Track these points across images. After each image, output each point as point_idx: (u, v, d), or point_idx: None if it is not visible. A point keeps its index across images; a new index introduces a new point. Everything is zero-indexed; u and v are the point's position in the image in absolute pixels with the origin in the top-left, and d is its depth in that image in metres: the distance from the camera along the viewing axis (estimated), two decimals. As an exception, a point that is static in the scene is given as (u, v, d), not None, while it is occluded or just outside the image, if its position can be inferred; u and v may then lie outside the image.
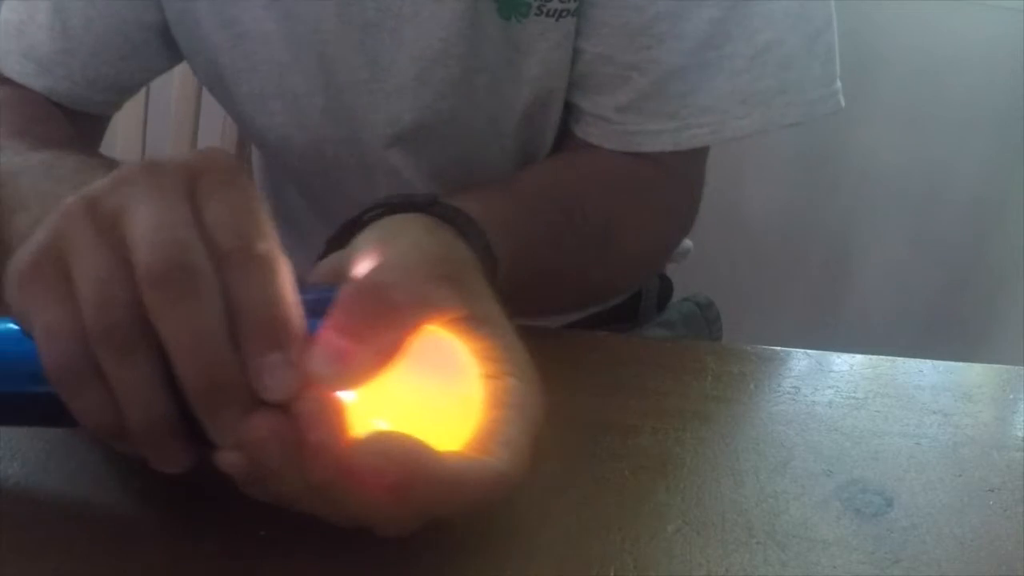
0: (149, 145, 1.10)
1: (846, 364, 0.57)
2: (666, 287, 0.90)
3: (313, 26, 0.66)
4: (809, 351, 0.58)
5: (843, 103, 0.68)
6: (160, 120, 1.11)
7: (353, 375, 0.35)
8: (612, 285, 0.73)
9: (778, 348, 0.58)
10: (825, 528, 0.43)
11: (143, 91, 1.08)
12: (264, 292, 0.34)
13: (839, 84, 0.67)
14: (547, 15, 0.64)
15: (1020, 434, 0.52)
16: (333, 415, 0.34)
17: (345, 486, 0.34)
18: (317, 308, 0.36)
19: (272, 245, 0.35)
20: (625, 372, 0.54)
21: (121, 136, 1.09)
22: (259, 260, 0.35)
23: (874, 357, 0.59)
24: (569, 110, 0.71)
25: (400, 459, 0.34)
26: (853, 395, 0.54)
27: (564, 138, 0.72)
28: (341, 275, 0.41)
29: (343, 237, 0.46)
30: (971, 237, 1.70)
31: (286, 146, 0.72)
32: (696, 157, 0.70)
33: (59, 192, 0.44)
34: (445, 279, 0.39)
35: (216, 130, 1.11)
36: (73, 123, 0.68)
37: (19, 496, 0.40)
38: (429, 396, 0.36)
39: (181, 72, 1.06)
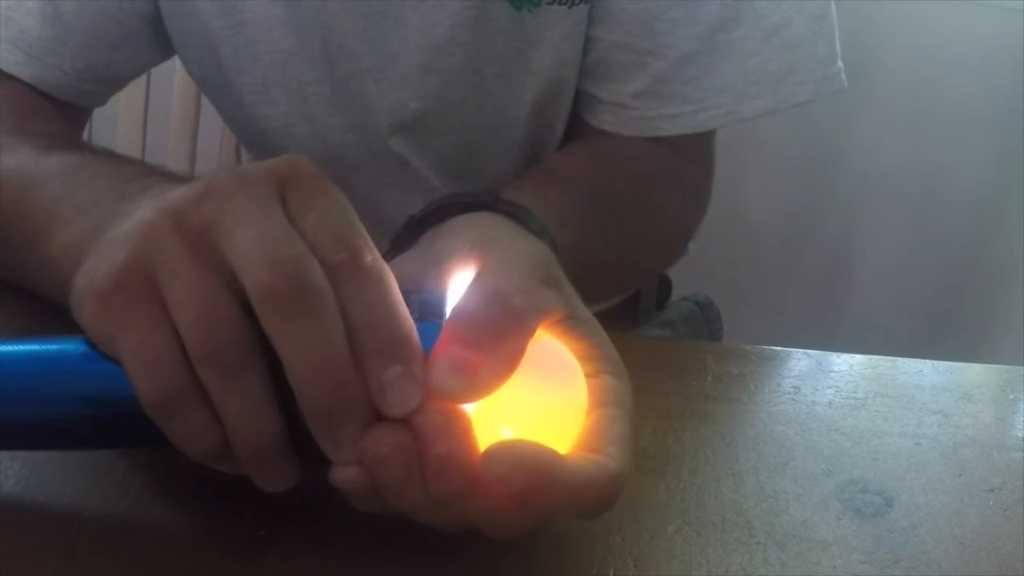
0: (149, 145, 1.10)
1: (846, 364, 0.57)
2: (665, 286, 0.90)
3: (317, 12, 0.66)
4: (809, 351, 0.58)
5: (846, 83, 0.69)
6: (160, 120, 1.11)
7: (480, 386, 0.34)
8: (646, 271, 0.74)
9: (778, 348, 0.58)
10: (825, 528, 0.43)
11: (143, 91, 1.08)
12: (380, 305, 0.34)
13: (841, 64, 0.69)
14: (560, 3, 0.65)
15: (1020, 434, 0.52)
16: (459, 427, 0.34)
17: (469, 496, 0.34)
18: (420, 313, 0.36)
19: (377, 254, 0.35)
20: (625, 372, 0.54)
21: (121, 136, 1.09)
22: (369, 271, 0.34)
23: (874, 357, 0.59)
24: (581, 100, 0.71)
25: (529, 467, 0.33)
26: (853, 395, 0.54)
27: (574, 128, 0.72)
28: (422, 278, 0.40)
29: (407, 237, 0.46)
30: (971, 237, 1.70)
31: (288, 137, 0.72)
32: (707, 140, 0.72)
33: (104, 201, 0.42)
34: (549, 281, 0.39)
35: (216, 130, 1.12)
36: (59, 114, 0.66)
37: (19, 496, 0.40)
38: (542, 399, 0.36)
39: (181, 72, 1.06)
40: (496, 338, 0.35)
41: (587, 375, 0.38)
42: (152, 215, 0.34)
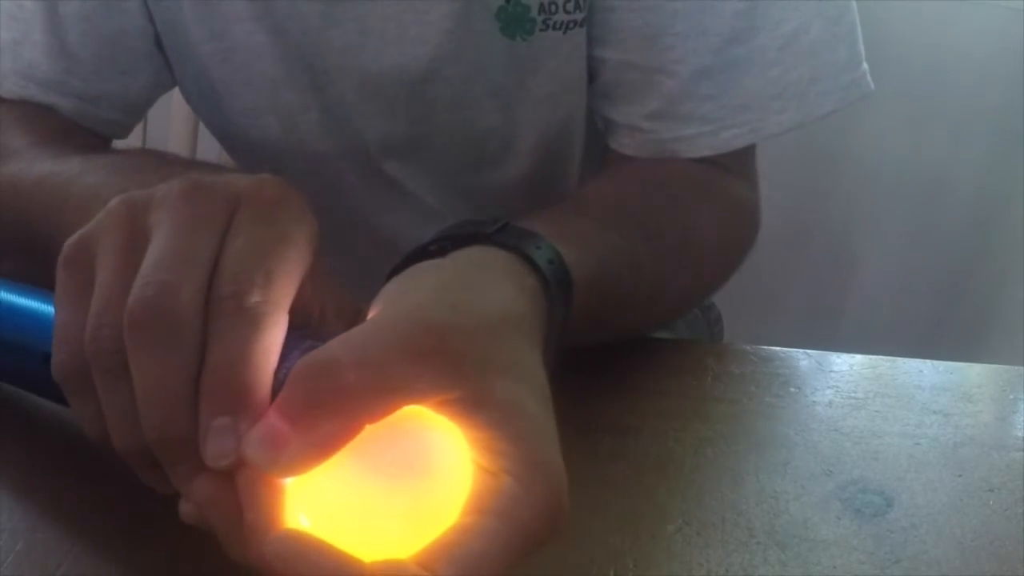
0: (149, 146, 1.10)
1: (846, 364, 0.57)
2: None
3: (301, 40, 0.64)
4: (809, 351, 0.58)
5: (872, 85, 0.65)
6: (160, 120, 1.11)
7: (284, 464, 0.31)
8: (690, 298, 0.68)
9: (778, 348, 0.58)
10: (825, 528, 0.43)
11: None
12: (236, 350, 0.32)
13: (866, 66, 0.65)
14: (554, 28, 0.62)
15: (1020, 434, 0.52)
16: (265, 499, 0.31)
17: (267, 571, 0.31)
18: None
19: (272, 298, 0.33)
20: (625, 372, 0.54)
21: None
22: (244, 313, 0.33)
23: (874, 357, 0.59)
24: (604, 125, 0.68)
25: (302, 566, 0.30)
26: (853, 395, 0.54)
27: (606, 156, 0.69)
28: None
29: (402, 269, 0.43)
30: (971, 237, 1.70)
31: (280, 162, 0.71)
32: (747, 152, 0.67)
33: (147, 182, 0.42)
34: (433, 354, 0.32)
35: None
36: None
37: (19, 496, 0.40)
38: (392, 489, 0.31)
39: (181, 72, 1.06)
40: (311, 415, 0.31)
41: (486, 472, 0.32)
42: (116, 202, 0.36)
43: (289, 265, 0.35)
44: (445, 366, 0.32)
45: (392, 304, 0.36)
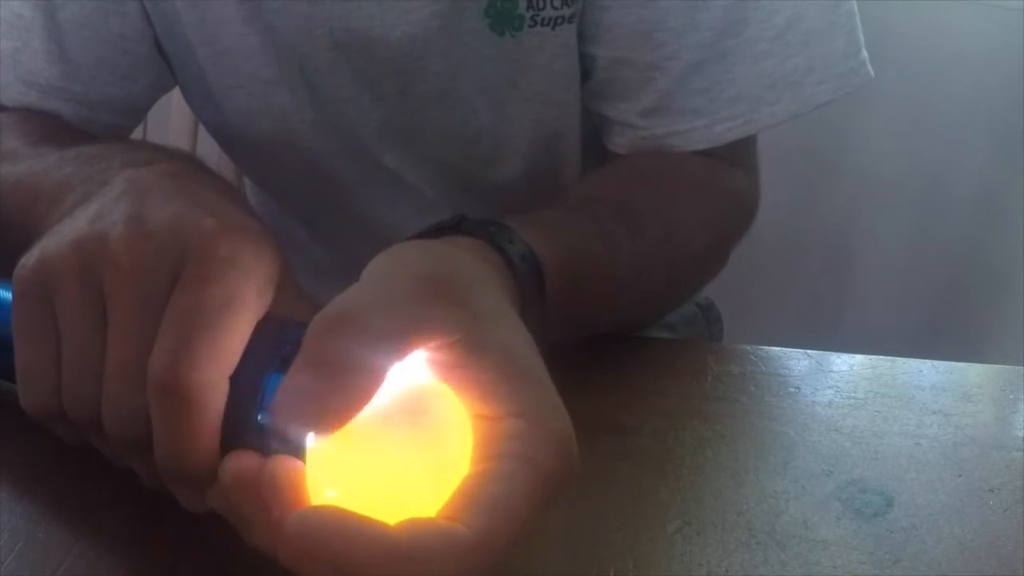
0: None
1: (846, 364, 0.57)
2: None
3: (292, 40, 0.64)
4: (809, 351, 0.58)
5: (872, 73, 0.65)
6: (160, 120, 1.11)
7: (320, 420, 0.31)
8: (679, 285, 0.67)
9: (778, 348, 0.58)
10: (825, 528, 0.43)
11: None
12: (173, 440, 0.34)
13: (865, 53, 0.64)
14: (542, 24, 0.62)
15: (1020, 434, 0.52)
16: (288, 482, 0.31)
17: (289, 561, 0.31)
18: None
19: (210, 374, 0.33)
20: (625, 372, 0.54)
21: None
22: (173, 394, 0.33)
23: (874, 357, 0.59)
24: (600, 123, 0.68)
25: (329, 540, 0.29)
26: (853, 395, 0.54)
27: (606, 154, 0.69)
28: None
29: None
30: (971, 237, 1.70)
31: (276, 163, 0.71)
32: (744, 145, 0.66)
33: (107, 168, 0.44)
34: (438, 296, 0.34)
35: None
36: None
37: (19, 496, 0.40)
38: (406, 448, 0.32)
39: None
40: (343, 364, 0.31)
41: (486, 418, 0.32)
42: (68, 247, 0.36)
43: (233, 330, 0.34)
44: (454, 309, 0.33)
45: (378, 271, 0.36)
